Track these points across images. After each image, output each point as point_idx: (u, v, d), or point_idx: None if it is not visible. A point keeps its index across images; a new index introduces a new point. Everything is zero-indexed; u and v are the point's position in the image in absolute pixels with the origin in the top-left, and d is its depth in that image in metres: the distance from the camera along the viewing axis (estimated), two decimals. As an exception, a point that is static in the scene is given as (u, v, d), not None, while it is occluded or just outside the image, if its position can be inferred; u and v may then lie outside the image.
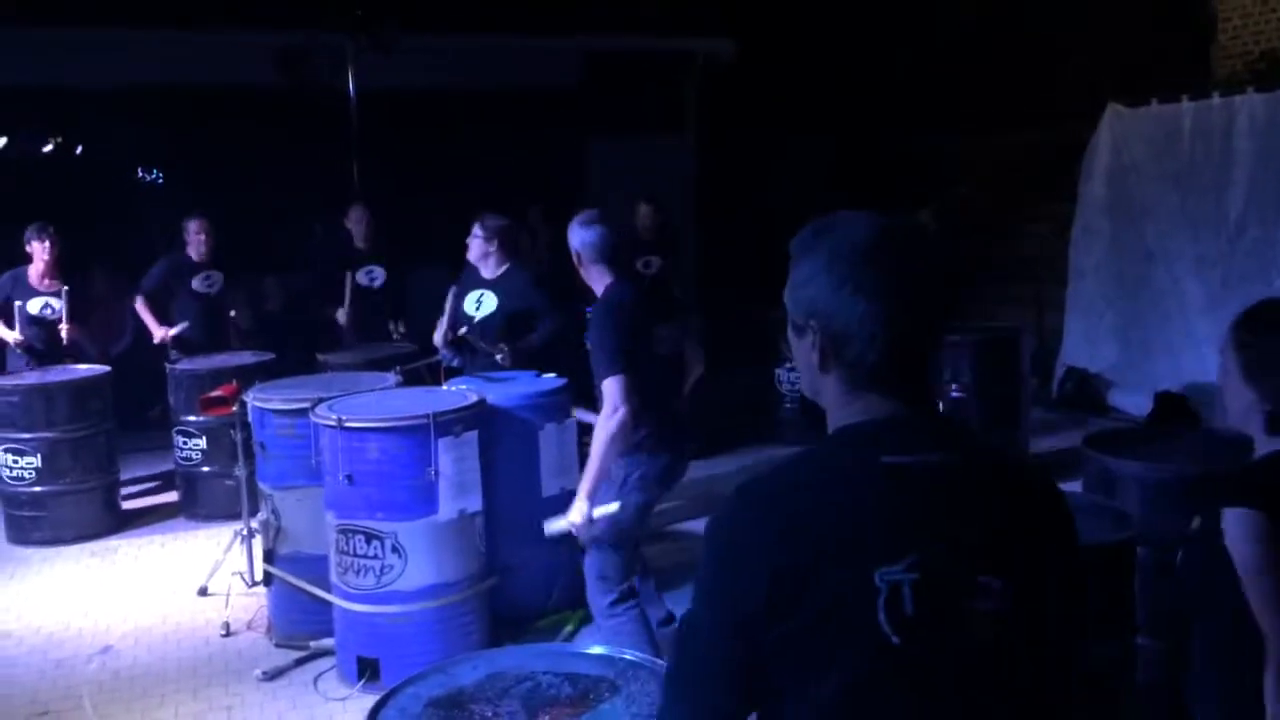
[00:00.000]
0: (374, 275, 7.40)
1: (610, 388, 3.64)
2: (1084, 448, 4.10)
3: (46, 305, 6.70)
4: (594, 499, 3.72)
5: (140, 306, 7.00)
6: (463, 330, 5.52)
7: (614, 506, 3.74)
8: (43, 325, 6.69)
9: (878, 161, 10.80)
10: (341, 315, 7.32)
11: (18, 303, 6.65)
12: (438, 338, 5.63)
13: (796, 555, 1.31)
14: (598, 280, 3.93)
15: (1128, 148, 8.37)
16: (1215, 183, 7.66)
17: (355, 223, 7.50)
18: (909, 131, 10.92)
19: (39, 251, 6.64)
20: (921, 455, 1.35)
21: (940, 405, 1.31)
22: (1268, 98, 7.31)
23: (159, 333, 6.91)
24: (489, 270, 5.60)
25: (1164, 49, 9.44)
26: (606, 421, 3.64)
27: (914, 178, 10.85)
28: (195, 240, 6.98)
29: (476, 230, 5.57)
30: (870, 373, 1.38)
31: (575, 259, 3.97)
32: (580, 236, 3.92)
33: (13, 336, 6.59)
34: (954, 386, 6.62)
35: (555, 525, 3.83)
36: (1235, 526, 1.90)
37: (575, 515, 3.74)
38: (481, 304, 5.57)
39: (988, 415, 6.53)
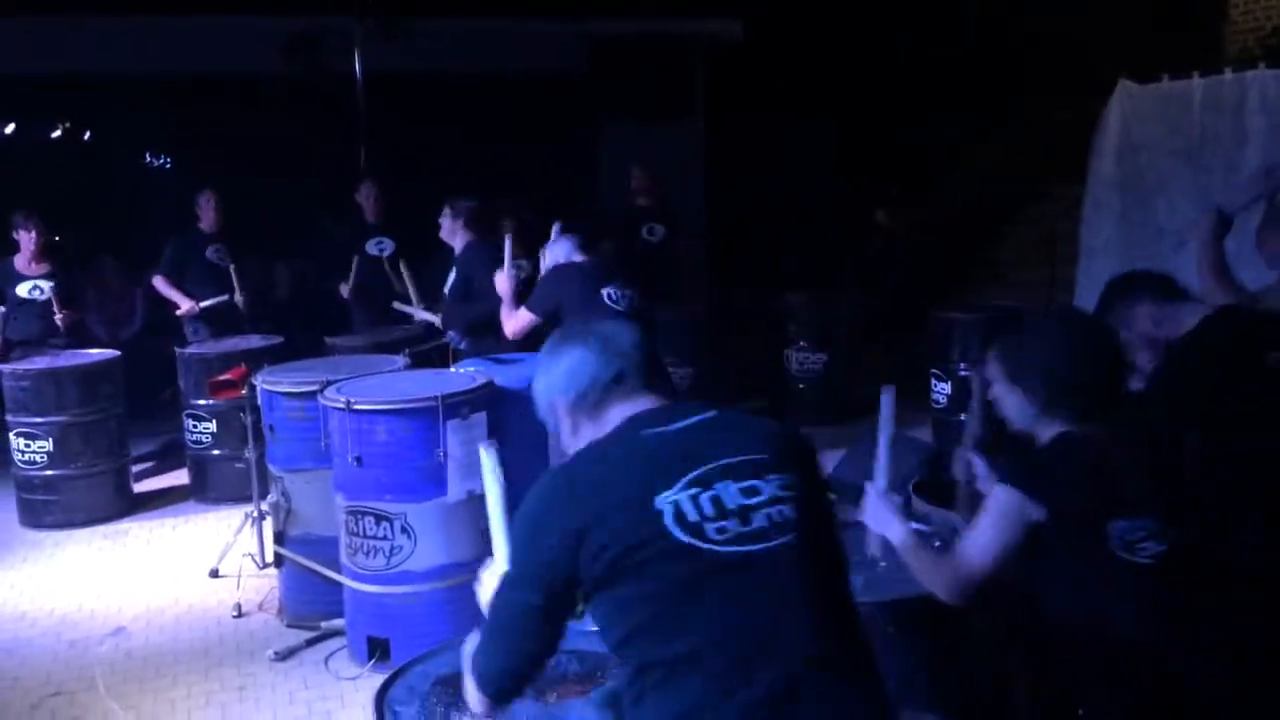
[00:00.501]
0: (384, 246, 7.52)
1: (521, 313, 4.69)
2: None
3: (35, 287, 6.77)
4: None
5: (162, 285, 7.17)
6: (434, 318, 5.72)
7: None
8: (33, 306, 6.74)
9: (886, 143, 10.74)
10: (344, 289, 7.45)
11: (7, 289, 6.75)
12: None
13: (584, 513, 1.74)
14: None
15: (1138, 124, 8.30)
16: (1226, 159, 7.59)
17: (365, 198, 7.66)
18: (918, 113, 10.87)
19: (24, 239, 6.76)
20: (670, 425, 1.85)
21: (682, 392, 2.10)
22: (1279, 74, 7.24)
23: (186, 305, 7.07)
24: (457, 247, 5.87)
25: (1175, 25, 9.37)
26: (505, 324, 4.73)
27: (922, 160, 10.81)
28: (206, 211, 7.22)
29: (445, 210, 5.89)
30: (623, 392, 1.95)
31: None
32: (552, 254, 4.81)
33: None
34: (962, 365, 6.61)
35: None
36: (995, 494, 2.26)
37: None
38: (450, 278, 5.83)
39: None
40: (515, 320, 4.83)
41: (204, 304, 7.07)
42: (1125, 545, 2.17)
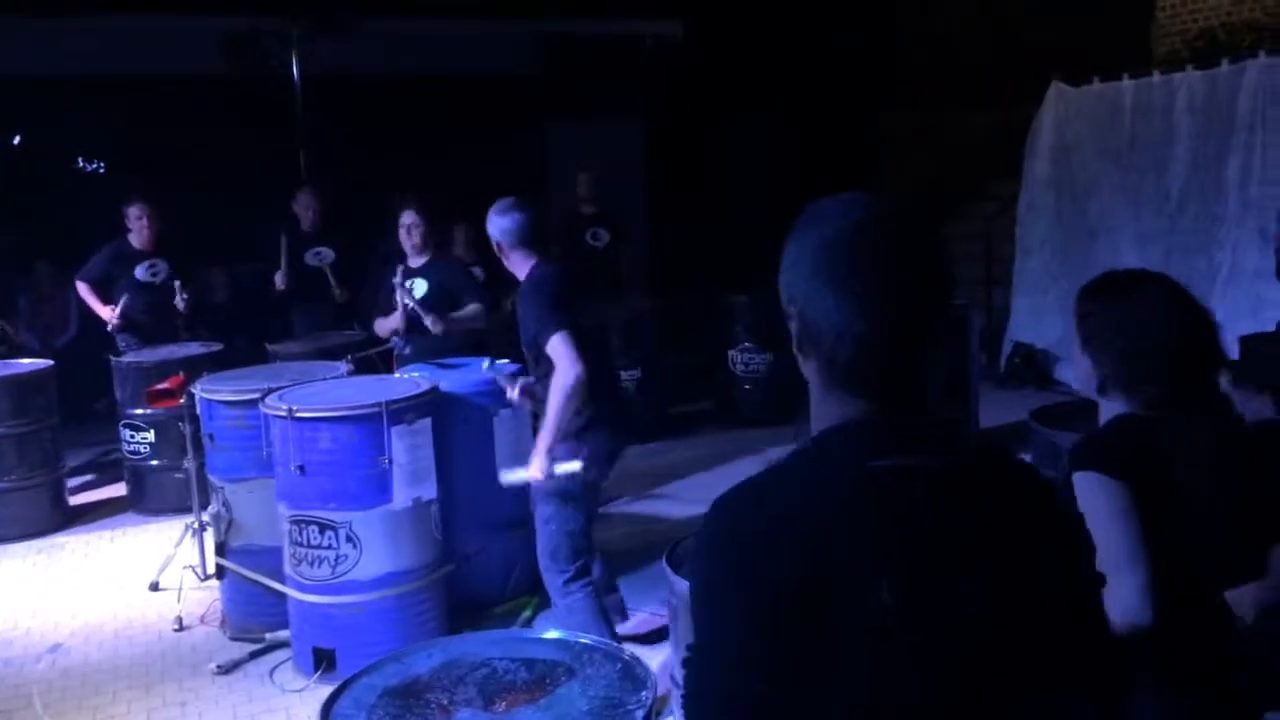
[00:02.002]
0: (322, 255, 7.28)
1: (558, 345, 3.64)
2: (1031, 422, 4.18)
3: None
4: (553, 456, 3.72)
5: (84, 292, 6.85)
6: (407, 304, 5.46)
7: (576, 465, 3.73)
8: None
9: (828, 142, 10.86)
10: (279, 279, 7.15)
11: None
12: (391, 324, 5.55)
13: (788, 570, 1.22)
14: (520, 266, 3.94)
15: (1071, 125, 8.49)
16: (1156, 160, 7.79)
17: (303, 208, 7.37)
18: (858, 112, 11.00)
19: None
20: (905, 459, 1.27)
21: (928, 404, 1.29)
22: (1206, 75, 7.44)
23: (105, 313, 6.74)
24: (415, 259, 5.58)
25: (1104, 26, 9.58)
26: (562, 378, 3.65)
27: (864, 158, 10.94)
28: (136, 226, 6.78)
29: (404, 219, 5.54)
30: (845, 370, 1.30)
31: (497, 249, 3.98)
32: (498, 225, 3.92)
33: None
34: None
35: (513, 476, 3.88)
36: (1081, 489, 1.99)
37: (534, 470, 3.75)
38: (413, 287, 5.51)
39: (937, 391, 6.59)
40: (563, 354, 3.70)
41: (119, 309, 6.67)
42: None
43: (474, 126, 10.25)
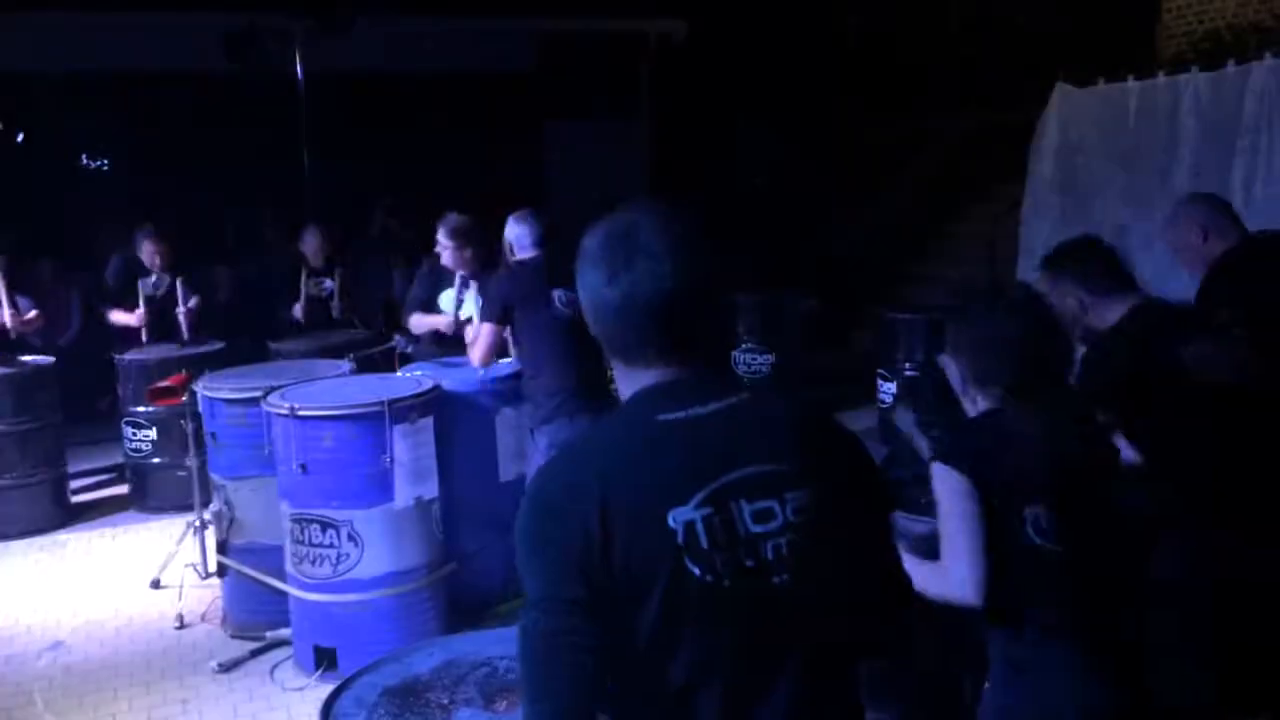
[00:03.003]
0: (324, 286, 7.18)
1: (483, 329, 4.43)
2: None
3: None
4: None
5: (114, 316, 6.84)
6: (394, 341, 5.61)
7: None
8: None
9: (832, 142, 10.84)
10: (298, 310, 7.08)
11: None
12: (431, 323, 5.49)
13: (597, 509, 1.41)
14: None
15: (1075, 127, 8.46)
16: (1161, 161, 7.76)
17: (309, 246, 7.17)
18: (862, 112, 10.98)
19: None
20: (690, 410, 1.49)
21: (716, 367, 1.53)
22: (1212, 77, 7.41)
23: (133, 319, 6.74)
24: (463, 269, 5.35)
25: (1109, 27, 9.56)
26: (474, 355, 4.50)
27: (868, 158, 10.92)
28: (148, 255, 6.82)
29: (443, 238, 5.32)
30: (627, 349, 1.54)
31: (509, 251, 4.50)
32: (514, 230, 4.51)
33: None
34: (907, 365, 6.69)
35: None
36: (935, 474, 2.25)
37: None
38: (463, 305, 5.38)
39: (941, 391, 6.58)
40: (480, 340, 4.49)
41: (139, 313, 6.73)
42: (1039, 530, 2.18)
43: (475, 125, 10.26)
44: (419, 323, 5.58)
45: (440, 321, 5.44)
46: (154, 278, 6.84)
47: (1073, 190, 8.59)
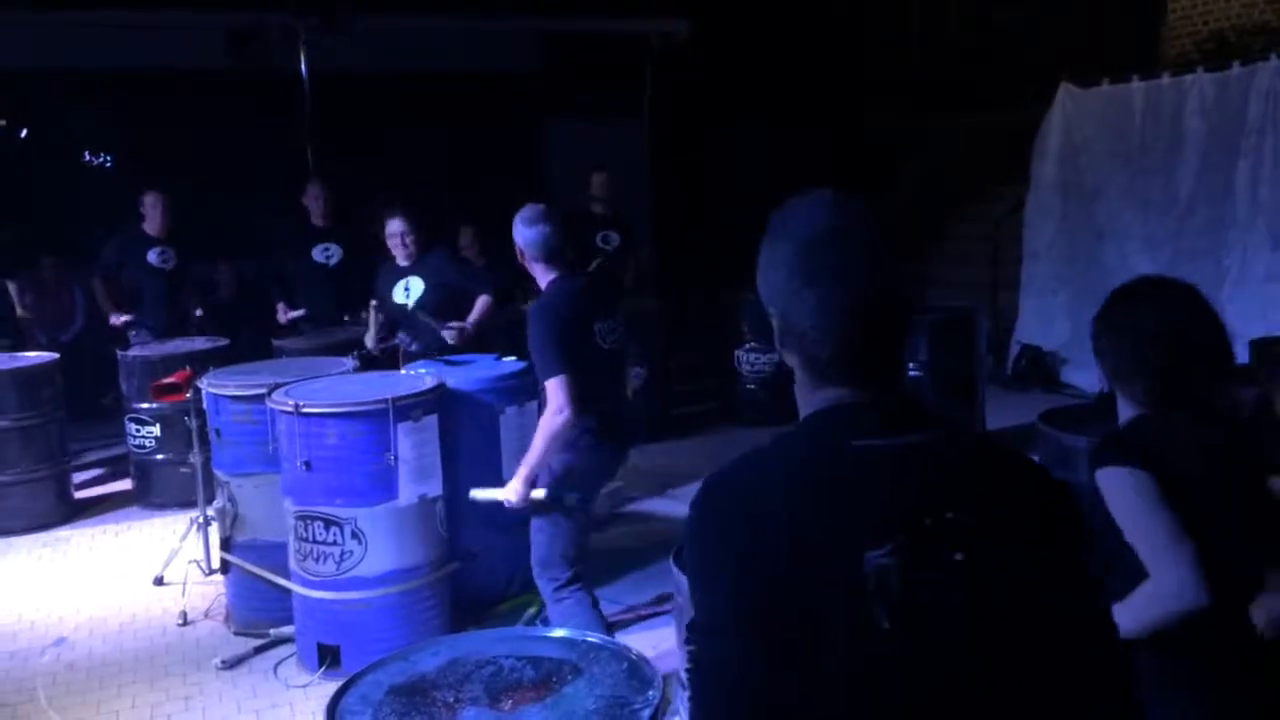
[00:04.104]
0: (330, 253, 7.22)
1: (553, 388, 3.67)
2: (1039, 424, 4.16)
3: None
4: (529, 485, 3.74)
5: (99, 292, 6.93)
6: (397, 338, 5.62)
7: (540, 493, 3.76)
8: None
9: (834, 143, 10.84)
10: (282, 313, 7.06)
11: None
12: (369, 342, 5.67)
13: (776, 548, 1.26)
14: (541, 277, 3.93)
15: (1079, 127, 8.46)
16: (1166, 162, 7.77)
17: (312, 200, 7.21)
18: (864, 113, 10.98)
19: None
20: (891, 438, 1.32)
21: (906, 390, 1.30)
22: (1217, 77, 7.42)
23: (115, 319, 6.83)
24: (405, 259, 5.71)
25: (1114, 28, 9.55)
26: (550, 420, 3.68)
27: (870, 159, 10.92)
28: (151, 214, 6.94)
29: (392, 228, 5.68)
30: (828, 363, 1.37)
31: (519, 255, 3.96)
32: (523, 235, 3.88)
33: None
34: (910, 365, 6.68)
35: (483, 493, 3.89)
36: (1108, 486, 1.98)
37: (510, 494, 3.78)
38: (410, 289, 5.65)
39: (944, 393, 6.60)
40: (551, 400, 3.73)
41: (125, 318, 6.85)
42: None
43: (478, 124, 10.25)
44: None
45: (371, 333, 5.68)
46: (160, 250, 6.88)
47: (1076, 191, 8.60)
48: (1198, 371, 2.05)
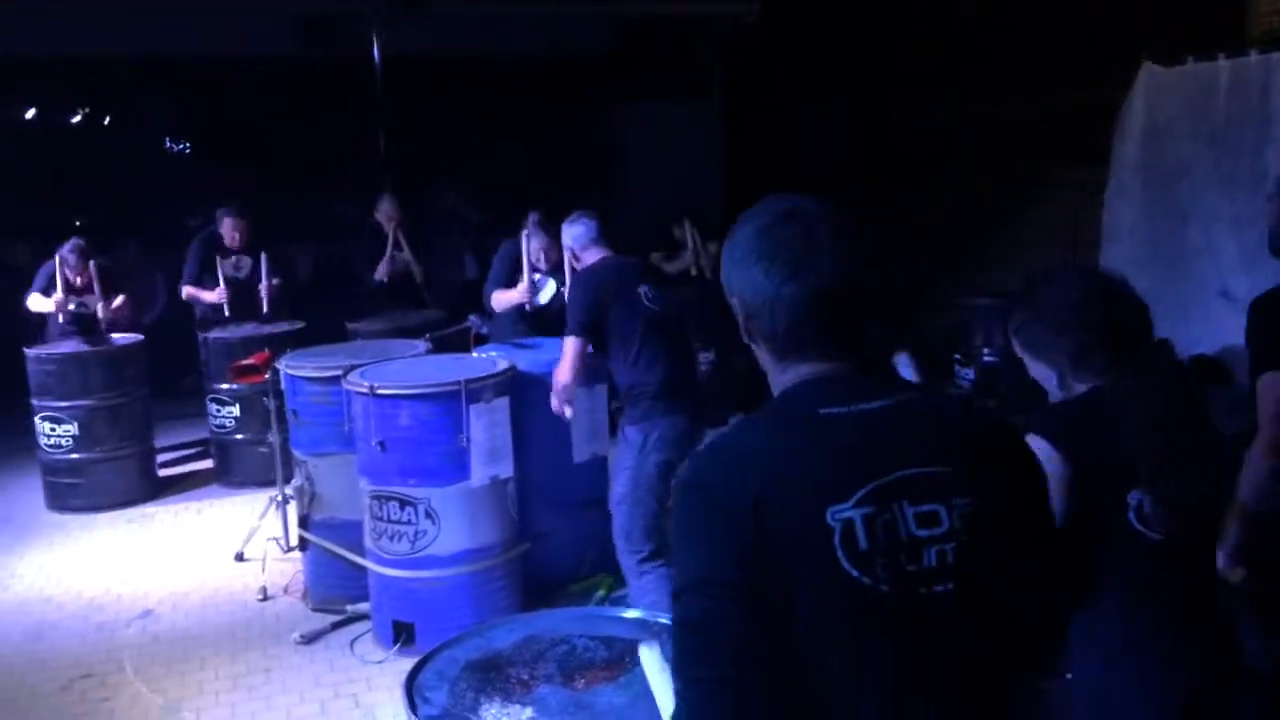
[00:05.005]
0: (396, 260, 7.21)
1: (566, 344, 4.17)
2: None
3: (81, 303, 6.67)
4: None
5: (189, 292, 7.03)
6: (468, 320, 5.62)
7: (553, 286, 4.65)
8: (76, 317, 6.71)
9: (909, 124, 10.68)
10: (382, 269, 7.13)
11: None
12: (510, 298, 5.65)
13: (757, 503, 1.36)
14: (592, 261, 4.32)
15: (1162, 107, 8.22)
16: (1252, 141, 7.51)
17: (385, 217, 7.21)
18: (937, 95, 10.79)
19: (69, 273, 6.59)
20: (855, 406, 1.44)
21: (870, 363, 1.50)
22: (1307, 54, 7.15)
23: (212, 296, 6.91)
24: (546, 263, 5.63)
25: (1198, 5, 9.25)
26: (558, 374, 4.20)
27: (941, 142, 10.74)
28: (229, 236, 6.96)
29: (534, 228, 5.65)
30: (784, 337, 1.48)
31: (572, 258, 4.46)
32: (570, 234, 4.40)
33: (49, 305, 6.60)
34: (985, 350, 6.58)
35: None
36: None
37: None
38: (543, 287, 5.62)
39: (1020, 378, 6.48)
40: (564, 356, 4.20)
41: (217, 292, 6.95)
42: (1141, 518, 2.06)
43: (549, 109, 10.28)
44: (500, 299, 5.70)
45: (519, 295, 5.59)
46: (234, 259, 6.99)
47: (1158, 173, 8.36)
48: (1135, 336, 2.19)
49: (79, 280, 6.62)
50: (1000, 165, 10.37)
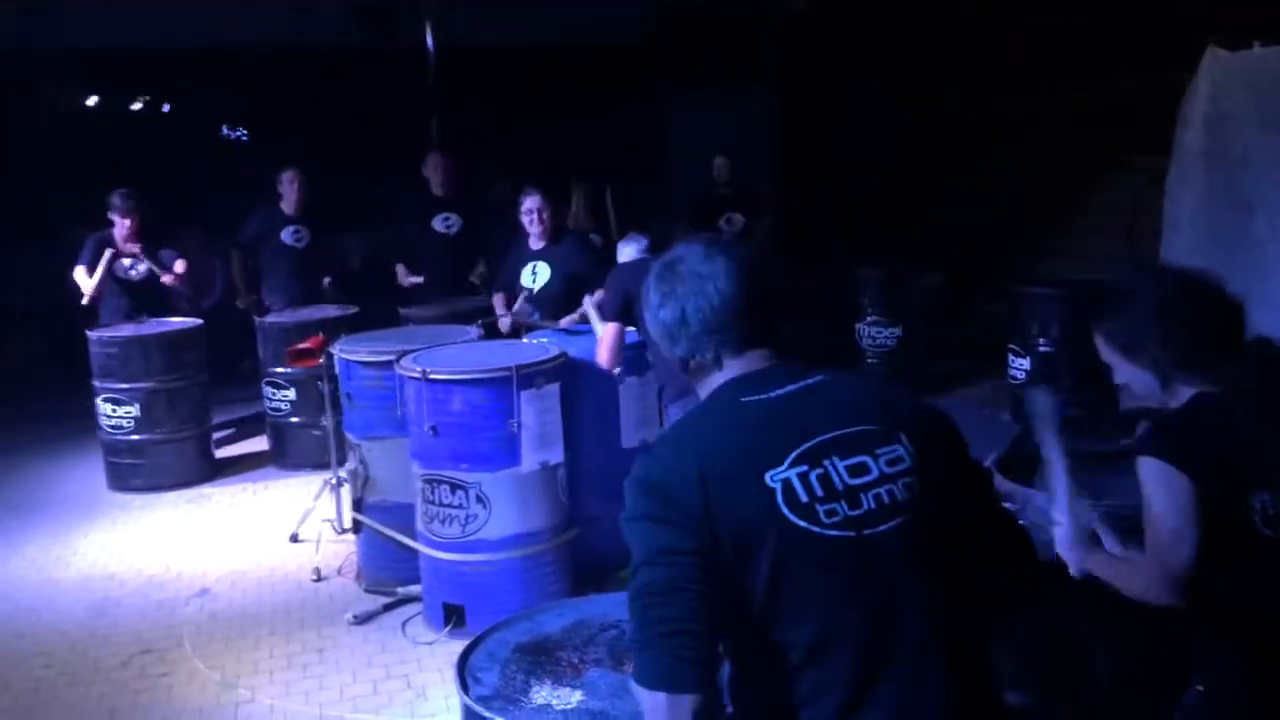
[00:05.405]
0: (450, 222, 7.35)
1: (609, 332, 4.44)
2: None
3: (132, 267, 6.86)
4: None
5: (235, 262, 7.24)
6: (519, 304, 5.71)
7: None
8: (127, 285, 6.88)
9: (965, 111, 10.53)
10: (402, 275, 7.29)
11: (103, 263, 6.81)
12: (503, 326, 5.86)
13: (702, 475, 1.57)
14: None
15: (1227, 93, 8.02)
16: (1321, 129, 7.31)
17: (432, 170, 7.38)
18: (993, 81, 10.62)
19: (120, 220, 6.76)
20: (775, 390, 1.67)
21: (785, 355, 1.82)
22: (1379, 38, 6.94)
23: (244, 297, 7.19)
24: (537, 239, 5.82)
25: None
26: (597, 354, 4.50)
27: (1001, 128, 10.58)
28: (288, 190, 7.14)
29: (527, 204, 5.81)
30: (699, 356, 1.74)
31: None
32: (625, 254, 4.75)
33: (91, 284, 6.73)
34: (1041, 340, 6.49)
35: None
36: (1146, 473, 2.05)
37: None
38: (537, 274, 5.77)
39: (1077, 369, 6.39)
40: (604, 340, 4.51)
41: (252, 298, 7.20)
42: (1266, 520, 1.99)
43: (600, 96, 10.28)
44: (498, 302, 5.98)
45: (504, 317, 5.83)
46: (295, 228, 7.11)
47: (1222, 160, 8.16)
48: (1236, 331, 2.13)
49: (127, 225, 6.72)
50: (1057, 152, 10.20)
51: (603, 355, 4.50)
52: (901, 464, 1.63)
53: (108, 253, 6.71)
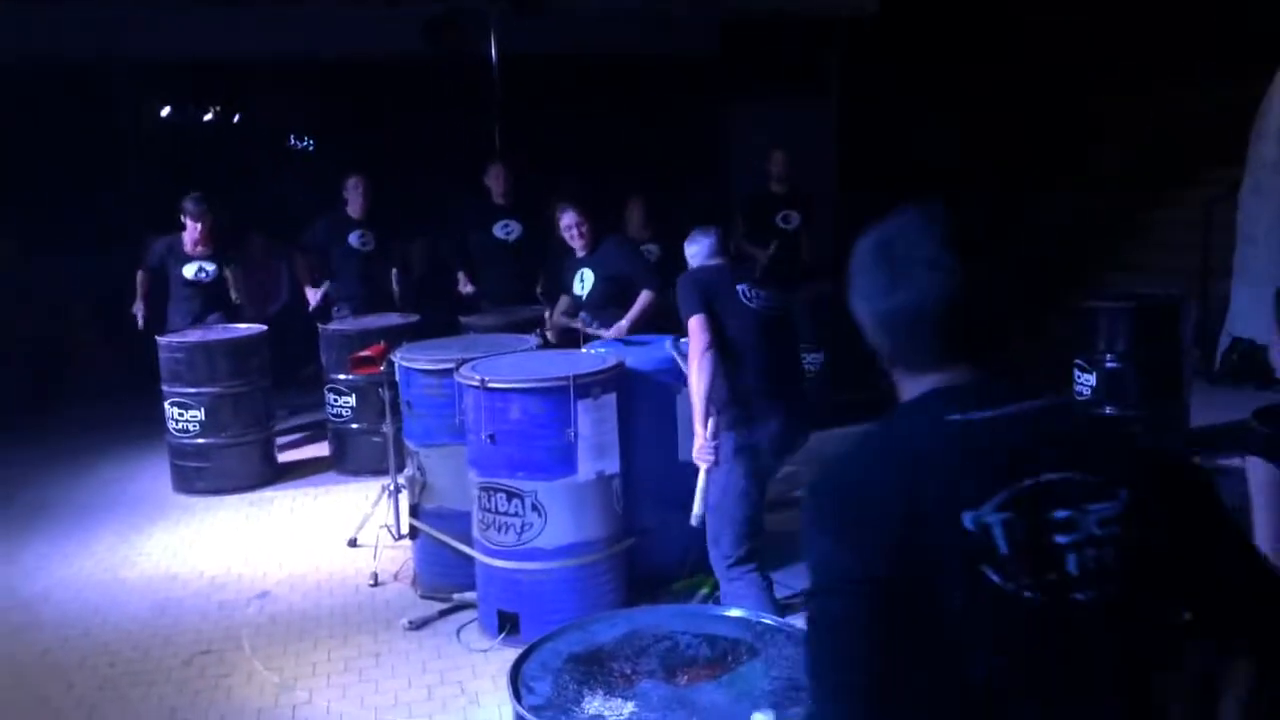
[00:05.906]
0: (510, 229, 7.45)
1: (694, 327, 4.01)
2: (1252, 421, 3.86)
3: (201, 269, 7.02)
4: (704, 424, 4.02)
5: (299, 263, 7.42)
6: (578, 320, 5.80)
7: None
8: (197, 287, 7.03)
9: (1031, 123, 10.37)
10: (462, 283, 7.45)
11: (173, 268, 7.02)
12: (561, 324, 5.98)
13: (886, 518, 1.36)
14: None
15: (1304, 105, 7.81)
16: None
17: (493, 179, 7.53)
18: (1063, 91, 10.45)
19: (190, 225, 6.94)
20: (989, 411, 1.41)
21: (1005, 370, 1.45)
22: None
23: (310, 294, 7.33)
24: (582, 250, 5.89)
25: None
26: (696, 359, 4.00)
27: (1070, 139, 10.40)
28: (353, 196, 7.33)
29: (565, 220, 5.89)
30: (917, 354, 1.48)
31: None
32: (689, 252, 4.41)
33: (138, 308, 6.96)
34: (1109, 356, 6.34)
35: (696, 506, 4.12)
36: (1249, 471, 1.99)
37: (696, 450, 4.04)
38: (584, 281, 5.84)
39: (1146, 386, 6.23)
40: (692, 339, 4.08)
41: (321, 290, 7.32)
42: None
43: (662, 106, 10.29)
44: (556, 320, 6.08)
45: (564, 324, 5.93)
46: (361, 233, 7.23)
47: (1298, 173, 7.94)
48: None
49: (199, 229, 6.89)
50: (1128, 164, 10.00)
51: (694, 352, 4.06)
52: (1116, 526, 1.38)
53: (140, 276, 7.02)
